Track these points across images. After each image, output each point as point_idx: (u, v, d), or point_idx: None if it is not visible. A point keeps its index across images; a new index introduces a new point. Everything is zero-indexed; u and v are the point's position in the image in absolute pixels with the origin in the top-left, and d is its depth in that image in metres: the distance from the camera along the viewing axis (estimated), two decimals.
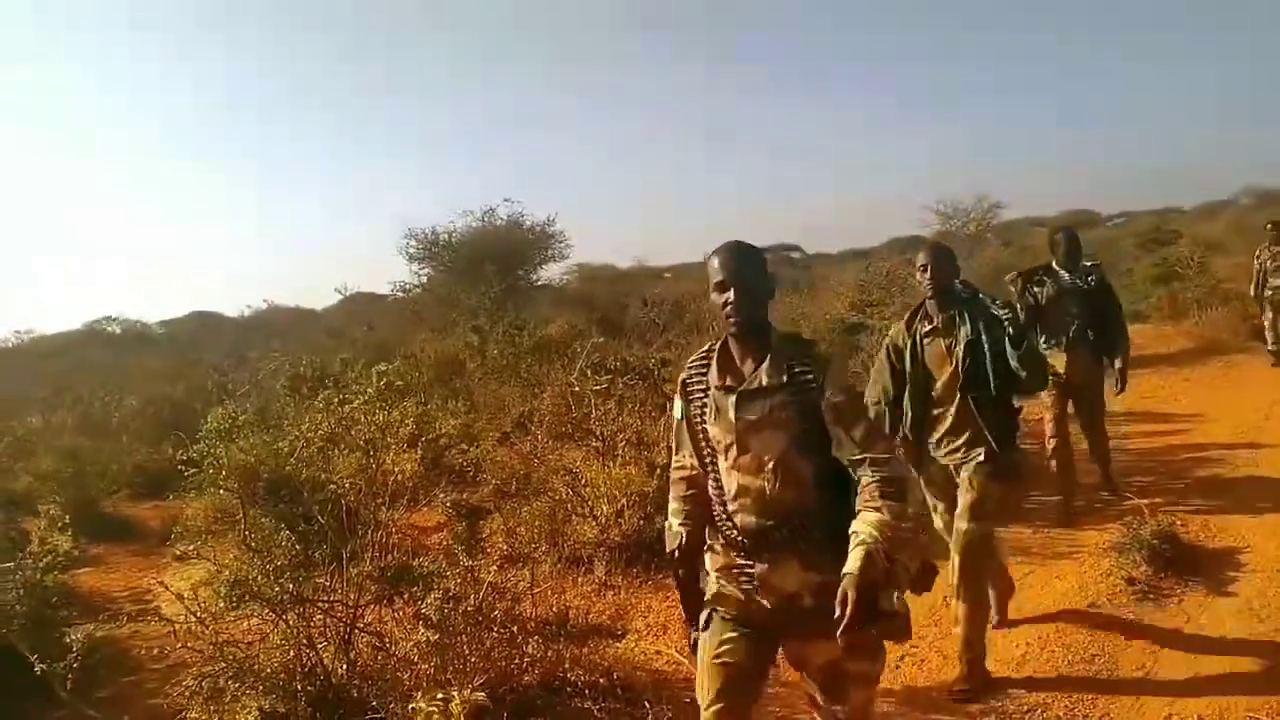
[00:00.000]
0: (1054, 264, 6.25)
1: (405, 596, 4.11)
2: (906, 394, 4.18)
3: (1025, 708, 3.83)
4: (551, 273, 22.91)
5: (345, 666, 3.99)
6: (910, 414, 4.17)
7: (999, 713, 3.81)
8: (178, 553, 5.92)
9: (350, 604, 4.12)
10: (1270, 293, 10.49)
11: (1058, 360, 5.89)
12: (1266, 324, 10.72)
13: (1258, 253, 10.81)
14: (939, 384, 4.10)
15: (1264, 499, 5.91)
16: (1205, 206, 37.43)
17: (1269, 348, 10.64)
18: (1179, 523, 5.24)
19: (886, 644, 2.53)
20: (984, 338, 3.94)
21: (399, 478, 5.09)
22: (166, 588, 4.14)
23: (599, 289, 22.21)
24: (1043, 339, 5.95)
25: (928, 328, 4.13)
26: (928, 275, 4.06)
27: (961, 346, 3.98)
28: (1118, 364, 6.10)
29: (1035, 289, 6.08)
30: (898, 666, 4.33)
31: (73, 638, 3.74)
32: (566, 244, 22.11)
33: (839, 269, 16.11)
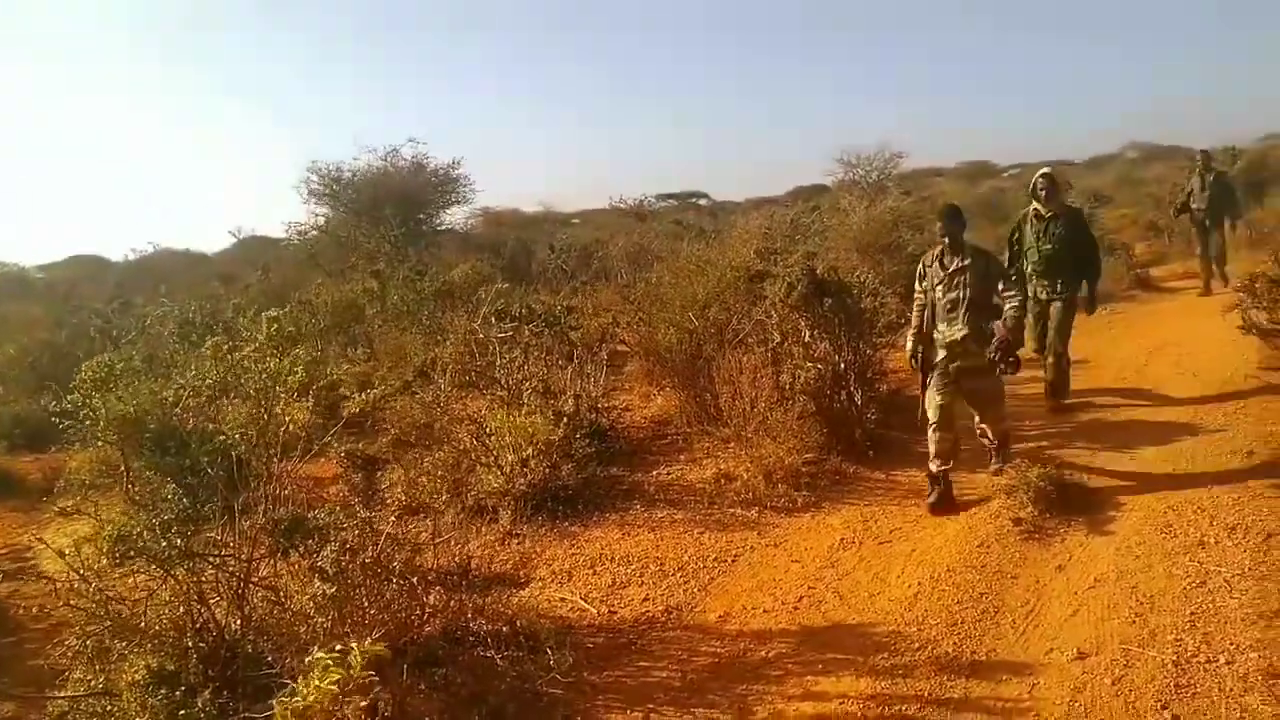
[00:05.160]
0: None
1: (300, 549, 4.00)
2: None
3: (915, 645, 3.96)
4: (455, 217, 22.48)
5: (239, 622, 3.87)
6: None
7: (890, 650, 3.93)
8: (59, 508, 5.65)
9: (243, 558, 4.00)
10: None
11: None
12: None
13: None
14: None
15: (1142, 441, 6.20)
16: (1094, 159, 39.02)
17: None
18: (1064, 465, 5.46)
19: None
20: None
21: (290, 427, 4.92)
22: (47, 544, 3.94)
23: (504, 234, 21.88)
24: None
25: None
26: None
27: None
28: None
29: None
30: (796, 608, 4.45)
31: None
32: (471, 188, 21.71)
33: (744, 218, 16.12)
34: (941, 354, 5.67)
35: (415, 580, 3.82)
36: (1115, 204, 20.98)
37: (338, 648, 3.18)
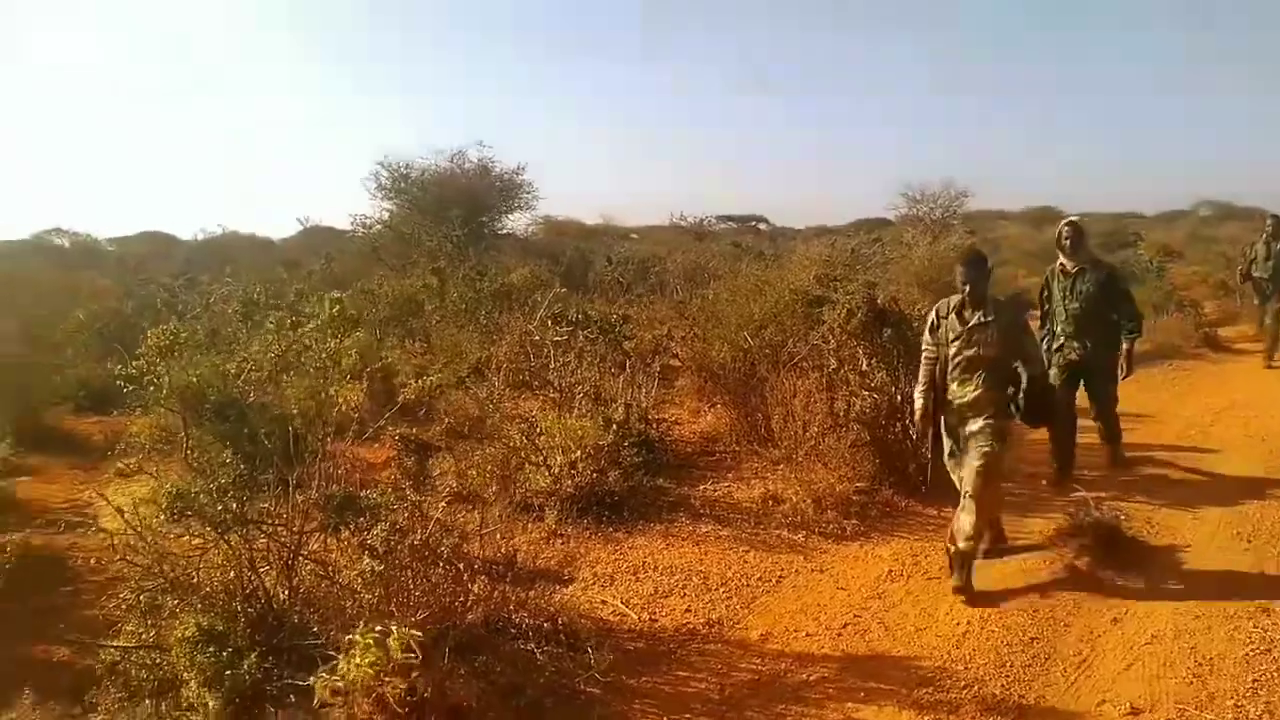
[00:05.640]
0: None
1: (351, 526, 4.03)
2: None
3: (961, 684, 3.88)
4: (517, 223, 22.70)
5: (287, 591, 3.92)
6: None
7: (935, 685, 3.85)
8: (120, 468, 5.78)
9: (295, 530, 4.04)
10: None
11: None
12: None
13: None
14: None
15: (1205, 501, 6.03)
16: (1165, 215, 38.35)
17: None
18: (1123, 517, 5.32)
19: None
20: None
21: (344, 408, 4.99)
22: (107, 501, 4.02)
23: (564, 244, 22.05)
24: None
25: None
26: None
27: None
28: None
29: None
30: (839, 634, 4.38)
31: (8, 539, 3.60)
32: (534, 195, 21.91)
33: (804, 244, 16.10)
34: (952, 419, 5.01)
35: (461, 566, 3.83)
36: (1185, 260, 20.57)
37: (377, 629, 3.20)
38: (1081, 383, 6.73)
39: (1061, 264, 6.65)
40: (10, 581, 3.48)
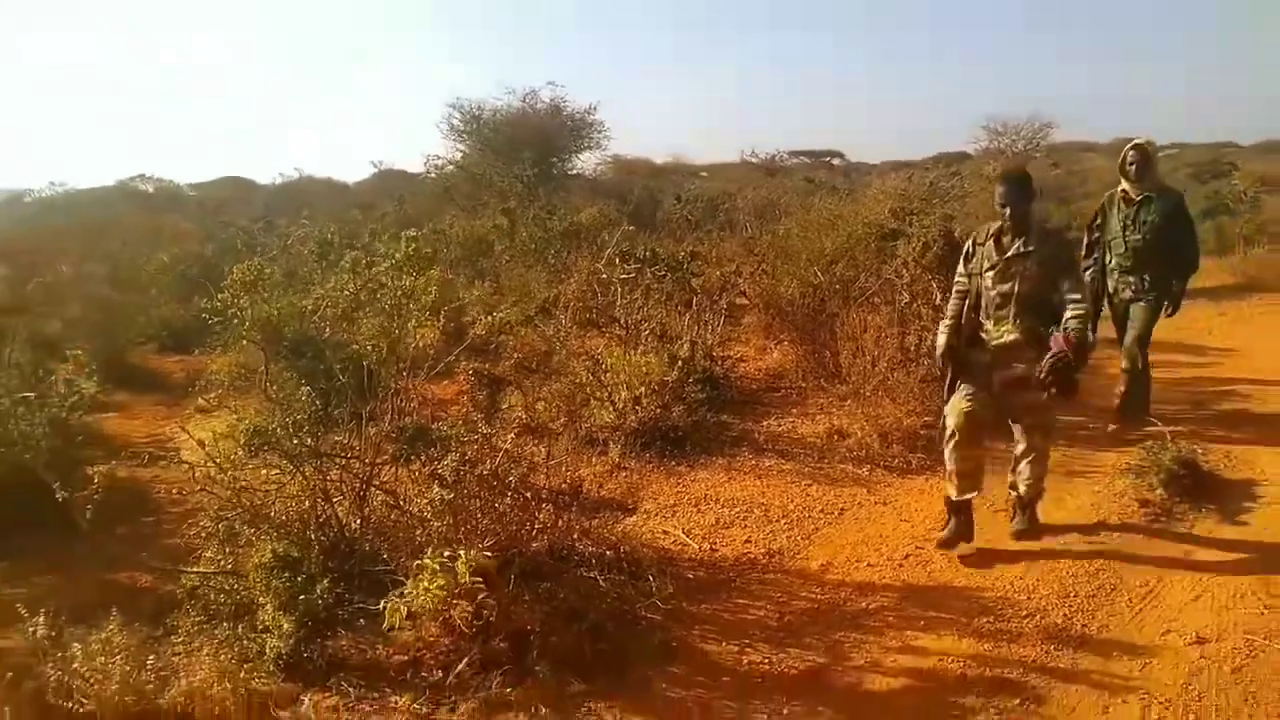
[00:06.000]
0: None
1: (422, 457, 4.16)
2: None
3: (1024, 612, 3.87)
4: (586, 162, 22.67)
5: (359, 521, 4.09)
6: None
7: (996, 615, 3.85)
8: (200, 404, 6.02)
9: (367, 461, 4.19)
10: None
11: None
12: None
13: None
14: None
15: None
16: (1265, 144, 36.25)
17: None
18: (1199, 451, 5.18)
19: None
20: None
21: (419, 345, 5.11)
22: (189, 434, 4.21)
23: (633, 183, 21.96)
24: None
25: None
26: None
27: None
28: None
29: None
30: (901, 565, 4.39)
31: (95, 470, 3.81)
32: (604, 134, 21.82)
33: (880, 179, 15.74)
34: (985, 359, 4.46)
35: (528, 496, 3.93)
36: None
37: (446, 554, 3.32)
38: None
39: (1124, 191, 6.05)
40: (98, 512, 3.67)
